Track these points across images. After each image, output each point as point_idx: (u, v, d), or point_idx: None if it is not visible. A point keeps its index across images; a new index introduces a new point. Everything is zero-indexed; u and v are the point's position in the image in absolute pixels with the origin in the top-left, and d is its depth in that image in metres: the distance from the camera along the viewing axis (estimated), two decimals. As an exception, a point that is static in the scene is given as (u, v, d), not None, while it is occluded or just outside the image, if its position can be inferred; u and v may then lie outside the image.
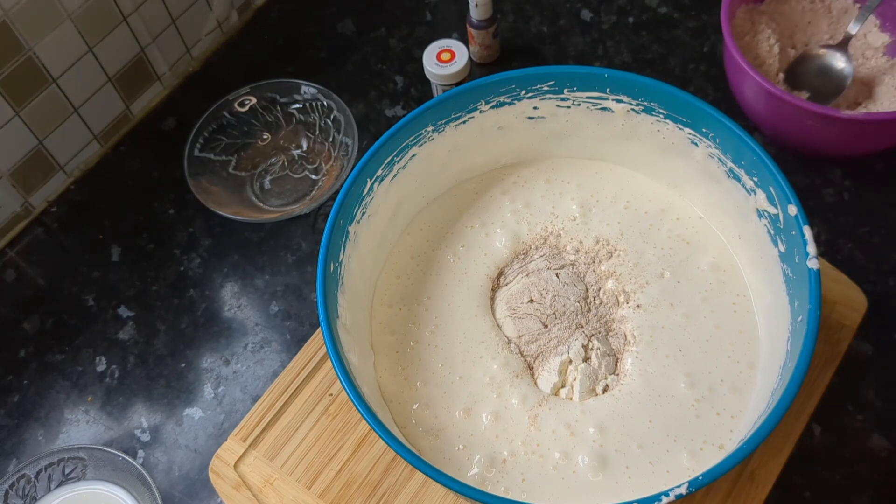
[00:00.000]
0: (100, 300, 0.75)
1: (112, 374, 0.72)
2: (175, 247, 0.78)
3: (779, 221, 0.55)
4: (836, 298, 0.64)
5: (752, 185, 0.57)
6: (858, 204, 0.74)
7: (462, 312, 0.61)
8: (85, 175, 0.82)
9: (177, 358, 0.72)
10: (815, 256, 0.52)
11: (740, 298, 0.60)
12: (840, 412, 0.64)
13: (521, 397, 0.57)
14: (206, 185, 0.78)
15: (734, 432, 0.55)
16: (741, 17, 0.78)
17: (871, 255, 0.71)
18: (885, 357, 0.66)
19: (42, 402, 0.71)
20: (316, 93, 0.81)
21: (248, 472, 0.62)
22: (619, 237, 0.63)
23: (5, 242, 0.79)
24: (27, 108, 0.73)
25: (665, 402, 0.56)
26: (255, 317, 0.73)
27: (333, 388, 0.65)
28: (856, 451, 0.63)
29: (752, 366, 0.57)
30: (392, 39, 0.89)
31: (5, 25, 0.68)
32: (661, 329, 0.59)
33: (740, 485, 0.58)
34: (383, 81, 0.86)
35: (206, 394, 0.70)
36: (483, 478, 0.55)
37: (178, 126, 0.84)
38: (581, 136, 0.65)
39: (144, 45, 0.81)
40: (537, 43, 0.87)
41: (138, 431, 0.69)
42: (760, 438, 0.47)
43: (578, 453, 0.55)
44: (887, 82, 0.75)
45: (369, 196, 0.60)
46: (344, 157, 0.79)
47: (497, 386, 0.58)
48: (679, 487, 0.46)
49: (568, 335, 0.59)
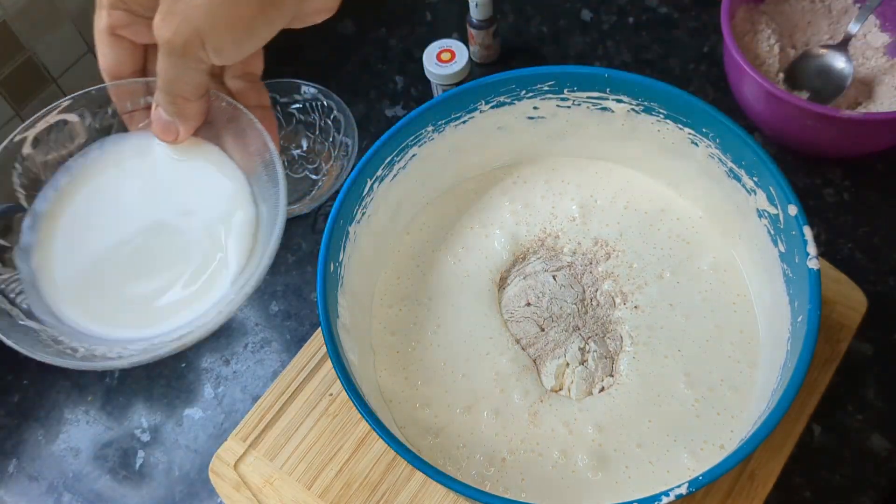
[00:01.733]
0: (100, 300, 0.75)
1: (112, 374, 0.72)
2: (175, 247, 0.78)
3: (779, 221, 0.55)
4: (836, 298, 0.64)
5: (752, 185, 0.57)
6: (858, 204, 0.74)
7: (468, 312, 0.61)
8: (85, 175, 0.82)
9: (177, 358, 0.72)
10: (815, 256, 0.52)
11: (740, 298, 0.60)
12: (840, 412, 0.64)
13: (523, 392, 0.57)
14: (206, 185, 0.78)
15: (734, 432, 0.55)
16: (741, 17, 0.78)
17: (871, 255, 0.71)
18: (885, 357, 0.66)
19: (42, 402, 0.71)
20: (316, 93, 0.81)
21: (248, 471, 0.62)
22: (618, 237, 0.63)
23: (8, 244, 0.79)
24: (27, 108, 0.73)
25: (664, 402, 0.56)
26: (255, 317, 0.73)
27: (333, 388, 0.65)
28: (856, 451, 0.63)
29: (753, 365, 0.57)
30: (392, 39, 0.89)
31: (5, 25, 0.68)
32: (659, 329, 0.59)
33: (740, 484, 0.59)
34: (383, 81, 0.86)
35: (206, 394, 0.70)
36: (483, 477, 0.55)
37: (178, 126, 0.84)
38: (581, 135, 0.65)
39: (144, 45, 0.81)
40: (537, 43, 0.87)
41: (138, 431, 0.69)
42: (761, 438, 0.47)
43: (577, 452, 0.55)
44: (887, 82, 0.75)
45: (369, 196, 0.60)
46: (344, 158, 0.79)
47: (502, 381, 0.58)
48: (679, 487, 0.46)
49: (565, 338, 0.59)
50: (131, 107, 0.47)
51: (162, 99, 0.44)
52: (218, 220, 0.46)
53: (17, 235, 0.46)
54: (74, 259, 0.46)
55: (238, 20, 0.39)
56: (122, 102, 0.47)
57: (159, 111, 0.45)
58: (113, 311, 0.45)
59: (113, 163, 0.48)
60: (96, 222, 0.47)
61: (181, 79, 0.42)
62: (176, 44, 0.40)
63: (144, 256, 0.46)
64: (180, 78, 0.42)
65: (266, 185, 0.46)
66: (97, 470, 0.67)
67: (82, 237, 0.47)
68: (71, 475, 0.67)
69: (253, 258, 0.45)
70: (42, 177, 0.47)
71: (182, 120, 0.45)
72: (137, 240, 0.47)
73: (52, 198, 0.47)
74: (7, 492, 0.67)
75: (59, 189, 0.47)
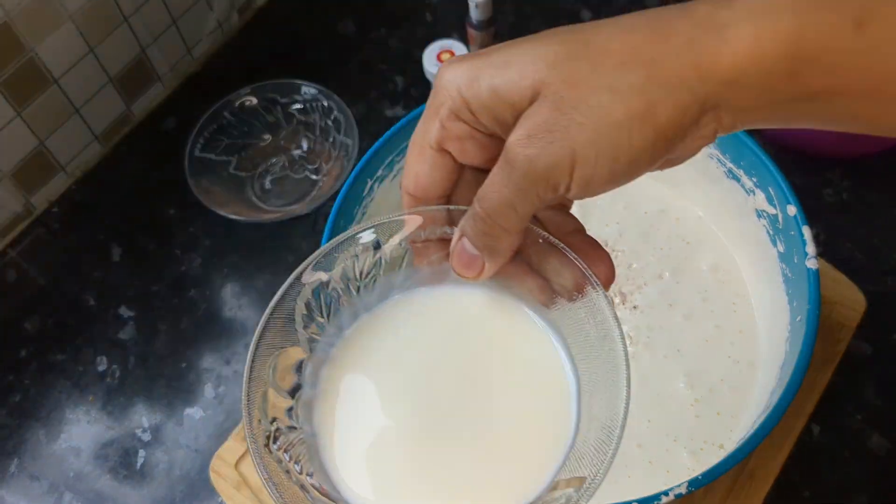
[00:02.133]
0: (101, 300, 0.75)
1: (113, 374, 0.72)
2: (176, 247, 0.78)
3: (778, 222, 0.56)
4: (836, 298, 0.64)
5: (751, 186, 0.57)
6: (858, 204, 0.74)
7: None
8: (86, 175, 0.82)
9: (177, 358, 0.72)
10: (814, 256, 0.52)
11: (739, 298, 0.60)
12: (839, 412, 0.64)
13: None
14: (206, 186, 0.78)
15: (734, 432, 0.55)
16: (741, 18, 0.78)
17: (870, 255, 0.71)
18: (884, 357, 0.66)
19: (43, 402, 0.71)
20: (316, 93, 0.81)
21: (248, 471, 0.62)
22: (617, 237, 0.63)
23: (7, 242, 0.79)
24: (28, 108, 0.73)
25: (664, 402, 0.56)
26: (255, 317, 0.73)
27: (334, 387, 0.65)
28: (855, 451, 0.63)
29: (752, 365, 0.57)
30: (392, 40, 0.89)
31: (6, 26, 0.68)
32: (658, 329, 0.59)
33: (740, 484, 0.59)
34: (383, 82, 0.86)
35: (206, 393, 0.70)
36: (483, 477, 0.54)
37: (178, 126, 0.85)
38: (581, 136, 0.65)
39: (145, 45, 0.81)
40: (537, 43, 0.87)
41: (139, 431, 0.69)
42: (760, 438, 0.47)
43: (578, 453, 0.55)
44: (886, 83, 0.75)
45: (370, 196, 0.60)
46: (344, 158, 0.79)
47: None
48: (679, 487, 0.46)
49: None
50: (424, 237, 0.40)
51: (475, 228, 0.36)
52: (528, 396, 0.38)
53: (300, 383, 0.38)
54: (362, 421, 0.37)
55: (625, 151, 0.32)
56: (418, 231, 0.40)
57: (463, 243, 0.37)
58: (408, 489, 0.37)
59: (405, 307, 0.40)
60: (389, 378, 0.39)
61: (515, 207, 0.34)
62: (538, 165, 0.32)
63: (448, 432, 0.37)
64: (515, 206, 0.34)
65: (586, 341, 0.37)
66: (98, 469, 0.68)
67: (372, 394, 0.38)
68: (72, 475, 0.67)
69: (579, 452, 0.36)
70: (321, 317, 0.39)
71: (490, 255, 0.36)
72: (440, 408, 0.38)
73: (338, 343, 0.39)
74: (8, 491, 0.67)
75: (343, 333, 0.39)
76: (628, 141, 0.32)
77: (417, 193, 0.39)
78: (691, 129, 0.32)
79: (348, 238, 0.38)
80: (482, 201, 0.35)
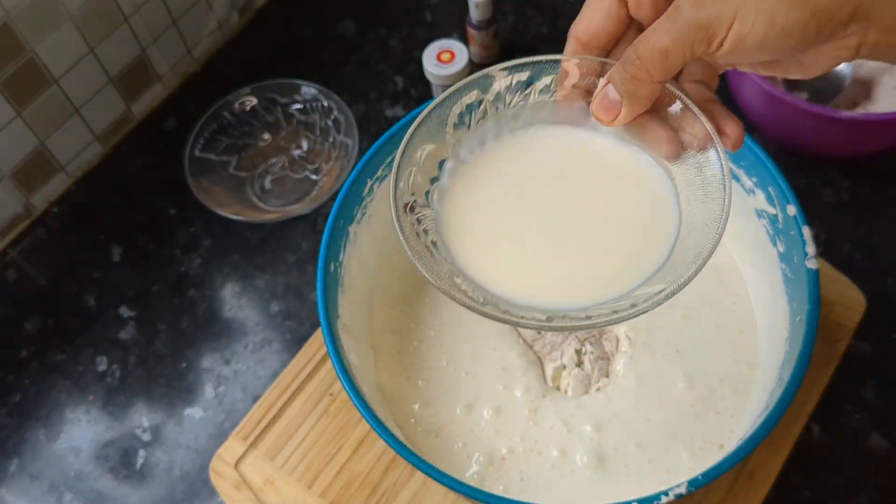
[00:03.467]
0: (101, 300, 0.75)
1: (113, 374, 0.72)
2: (176, 247, 0.78)
3: (778, 222, 0.56)
4: (835, 298, 0.64)
5: (751, 186, 0.57)
6: (857, 204, 0.74)
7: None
8: (86, 175, 0.83)
9: (177, 358, 0.72)
10: (813, 256, 0.52)
11: (739, 298, 0.60)
12: (839, 412, 0.64)
13: (525, 388, 0.57)
14: (206, 186, 0.78)
15: (733, 431, 0.55)
16: (740, 18, 0.78)
17: (869, 255, 0.71)
18: (884, 357, 0.66)
19: (43, 402, 0.71)
20: (316, 93, 0.81)
21: (248, 471, 0.63)
22: (618, 237, 0.63)
23: (7, 243, 0.79)
24: (28, 108, 0.73)
25: (663, 402, 0.56)
26: (255, 317, 0.74)
27: (334, 387, 0.65)
28: (855, 451, 0.63)
29: (752, 365, 0.57)
30: (392, 40, 0.89)
31: (7, 27, 0.68)
32: (658, 330, 0.59)
33: (739, 484, 0.59)
34: (383, 82, 0.86)
35: (206, 393, 0.70)
36: (482, 476, 0.55)
37: (178, 126, 0.85)
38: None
39: (145, 45, 0.81)
40: (537, 43, 0.88)
41: (139, 431, 0.69)
42: (760, 438, 0.47)
43: (576, 451, 0.55)
44: (886, 83, 0.75)
45: (369, 196, 0.60)
46: (344, 158, 0.79)
47: (507, 376, 0.58)
48: (678, 487, 0.46)
49: (561, 340, 0.59)
50: (574, 83, 0.44)
51: (622, 74, 0.40)
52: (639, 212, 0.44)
53: (439, 175, 0.46)
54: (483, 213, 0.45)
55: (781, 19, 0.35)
56: (570, 78, 0.44)
57: (607, 89, 0.41)
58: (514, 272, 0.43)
59: (543, 136, 0.46)
60: (514, 185, 0.46)
61: (666, 55, 0.37)
62: (703, 14, 0.36)
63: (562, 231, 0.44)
64: (668, 54, 0.37)
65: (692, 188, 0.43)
66: (98, 469, 0.68)
67: (496, 196, 0.45)
68: (72, 474, 0.68)
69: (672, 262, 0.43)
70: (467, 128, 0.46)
71: (630, 101, 0.40)
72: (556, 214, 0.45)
73: (476, 150, 0.46)
74: (8, 491, 0.67)
75: (484, 143, 0.46)
76: (787, 11, 0.35)
77: (585, 38, 0.42)
78: (838, 31, 0.36)
79: (510, 67, 0.44)
80: (639, 45, 0.38)
